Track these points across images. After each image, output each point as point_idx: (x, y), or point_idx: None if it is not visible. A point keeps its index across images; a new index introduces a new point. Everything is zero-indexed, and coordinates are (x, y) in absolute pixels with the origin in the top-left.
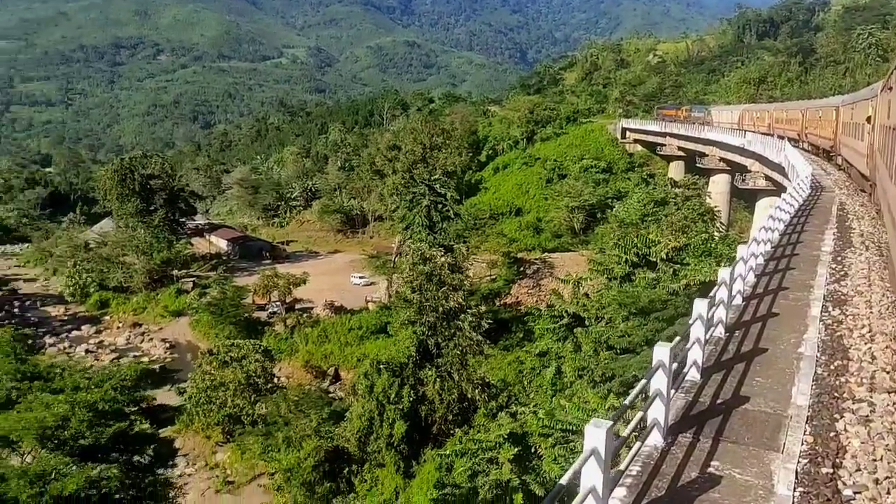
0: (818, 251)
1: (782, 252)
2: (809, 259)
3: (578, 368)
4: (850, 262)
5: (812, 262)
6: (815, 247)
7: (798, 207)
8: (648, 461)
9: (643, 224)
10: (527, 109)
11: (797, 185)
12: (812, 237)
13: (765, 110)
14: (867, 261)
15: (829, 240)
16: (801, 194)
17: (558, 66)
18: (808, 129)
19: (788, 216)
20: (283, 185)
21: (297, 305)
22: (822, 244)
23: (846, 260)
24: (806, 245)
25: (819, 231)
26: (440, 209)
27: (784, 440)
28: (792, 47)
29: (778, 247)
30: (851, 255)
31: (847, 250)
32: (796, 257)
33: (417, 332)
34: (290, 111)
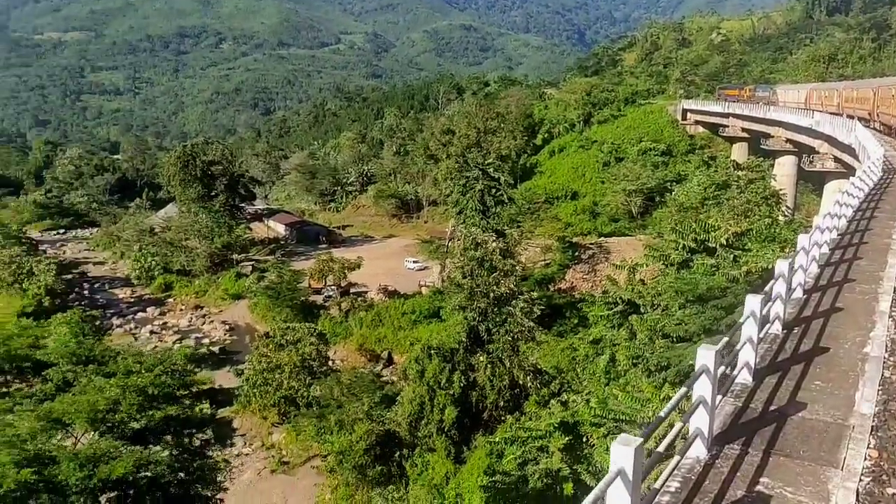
0: (889, 239)
1: (849, 240)
2: (879, 248)
3: (633, 357)
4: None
5: (882, 251)
6: (886, 234)
7: (868, 192)
8: (689, 476)
9: (703, 208)
10: (583, 91)
11: (867, 168)
12: (883, 224)
13: (833, 89)
14: None
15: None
16: (872, 178)
17: (617, 47)
18: (881, 109)
19: (857, 201)
20: (339, 170)
21: (352, 290)
22: (893, 231)
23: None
24: (875, 233)
25: (891, 217)
26: (494, 193)
27: (844, 454)
28: (865, 23)
29: (845, 234)
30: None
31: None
32: (864, 246)
33: (468, 317)
34: (346, 97)
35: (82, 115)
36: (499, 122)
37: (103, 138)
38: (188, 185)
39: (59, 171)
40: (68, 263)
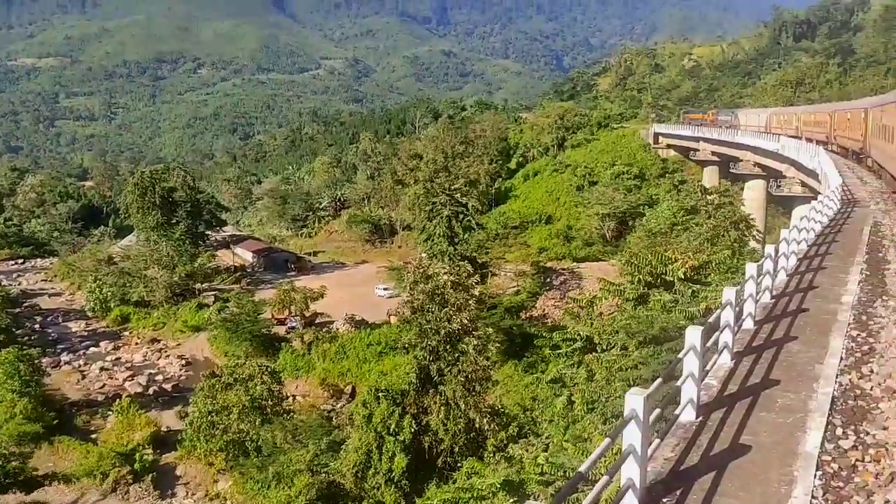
0: (836, 304)
1: (785, 306)
2: (820, 321)
3: (589, 400)
4: (880, 325)
5: (823, 325)
6: (833, 297)
7: (821, 230)
8: None
9: (673, 233)
10: (557, 116)
11: (823, 200)
12: (831, 279)
13: (792, 113)
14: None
15: (854, 283)
16: (828, 211)
17: (592, 73)
18: (837, 132)
19: (807, 244)
20: (312, 195)
21: (318, 319)
22: (842, 290)
23: (874, 320)
24: (821, 293)
25: (842, 268)
26: (462, 219)
27: None
28: (830, 48)
29: (782, 296)
30: (883, 310)
31: (877, 301)
32: (803, 316)
33: (418, 356)
34: (324, 121)
35: (56, 141)
36: (466, 147)
37: (76, 164)
38: (147, 212)
39: (20, 198)
40: (20, 295)
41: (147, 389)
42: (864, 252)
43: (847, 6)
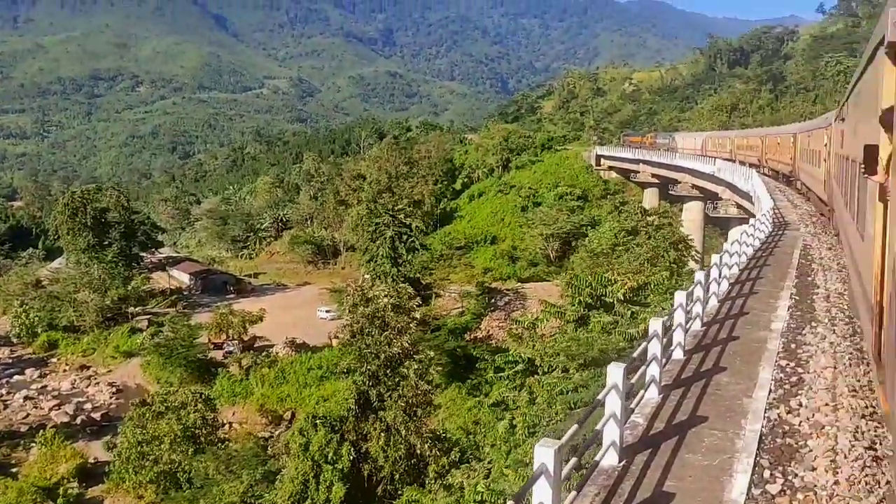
0: (766, 331)
1: (716, 334)
2: (750, 350)
3: (531, 424)
4: (809, 354)
5: (753, 355)
6: (763, 323)
7: (753, 253)
8: None
9: (614, 254)
10: (501, 137)
11: (755, 224)
12: (762, 304)
13: (726, 137)
14: (833, 350)
15: (784, 308)
16: (760, 235)
17: (536, 95)
18: (769, 155)
19: (738, 268)
20: (253, 215)
21: (257, 343)
22: (773, 316)
23: (803, 348)
24: (751, 320)
25: (773, 293)
26: (405, 240)
27: None
28: (762, 75)
29: (713, 323)
30: (811, 336)
31: (806, 328)
32: (734, 344)
33: (357, 381)
34: (266, 140)
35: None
36: (411, 167)
37: (5, 184)
38: (78, 234)
39: None
40: None
41: (74, 419)
42: (794, 276)
43: (777, 35)
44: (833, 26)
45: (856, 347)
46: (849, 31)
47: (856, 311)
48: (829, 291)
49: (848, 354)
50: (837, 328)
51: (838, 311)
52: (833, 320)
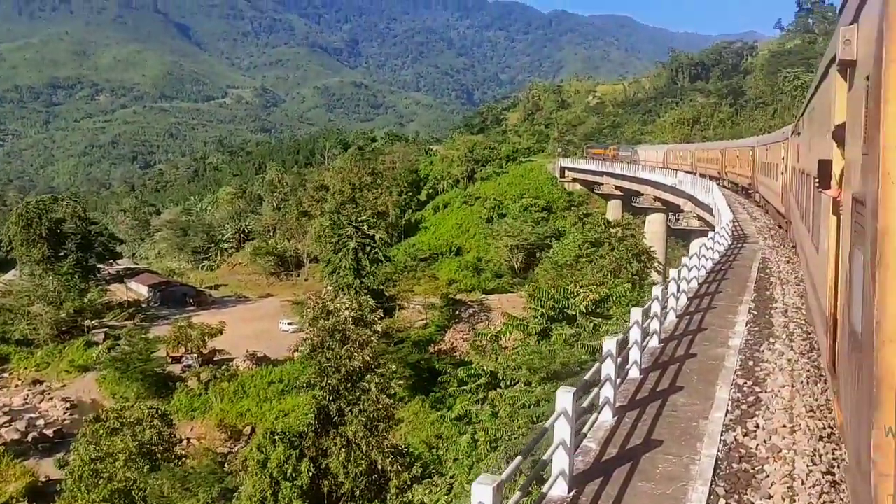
0: (724, 348)
1: (673, 351)
2: (707, 368)
3: (492, 439)
4: (766, 372)
5: (710, 373)
6: (721, 340)
7: (713, 267)
8: None
9: (578, 265)
10: (466, 148)
11: (714, 237)
12: (720, 319)
13: (687, 150)
14: (790, 368)
15: (742, 324)
16: (720, 248)
17: (501, 107)
18: (728, 168)
19: (697, 282)
20: (214, 226)
21: (217, 357)
22: (731, 332)
23: (760, 366)
24: (709, 336)
25: (732, 307)
26: (368, 252)
27: None
28: (723, 89)
29: (670, 339)
30: (769, 353)
31: (764, 344)
32: (691, 362)
33: (318, 396)
34: (229, 150)
35: None
36: (375, 178)
37: None
38: (32, 245)
39: None
40: None
41: (26, 436)
42: (753, 290)
43: (737, 51)
44: (790, 42)
45: (813, 364)
46: (805, 46)
47: (812, 323)
48: (787, 306)
49: (805, 372)
50: (795, 344)
51: (796, 327)
52: (791, 336)
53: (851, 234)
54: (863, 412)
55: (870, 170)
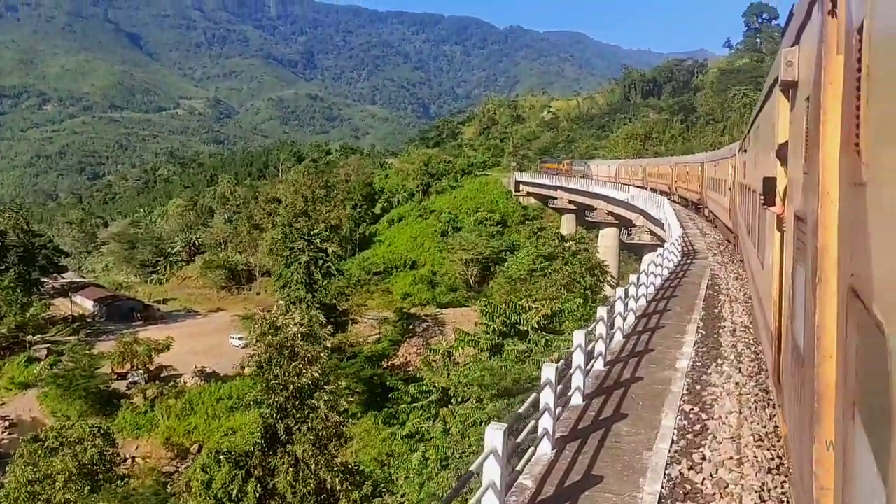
0: (671, 370)
1: (619, 374)
2: (653, 393)
3: (443, 457)
4: (714, 396)
5: (656, 398)
6: (668, 362)
7: (662, 284)
8: None
9: (532, 279)
10: (422, 162)
11: (663, 253)
12: (668, 340)
13: (638, 165)
14: (738, 392)
15: (690, 344)
16: (669, 264)
17: (457, 121)
18: (678, 183)
19: (646, 300)
20: (164, 239)
21: (164, 373)
22: (678, 353)
23: (708, 390)
24: (656, 357)
25: (680, 326)
26: (321, 265)
27: None
28: (674, 106)
29: (616, 362)
30: (717, 376)
31: (711, 366)
32: (636, 386)
33: (264, 414)
34: (181, 162)
35: None
36: (328, 191)
37: None
38: None
39: None
40: None
41: None
42: (701, 308)
43: (688, 68)
44: (739, 60)
45: (761, 387)
46: (754, 65)
47: (759, 338)
48: (735, 325)
49: (753, 396)
50: (743, 365)
51: (744, 347)
52: (739, 356)
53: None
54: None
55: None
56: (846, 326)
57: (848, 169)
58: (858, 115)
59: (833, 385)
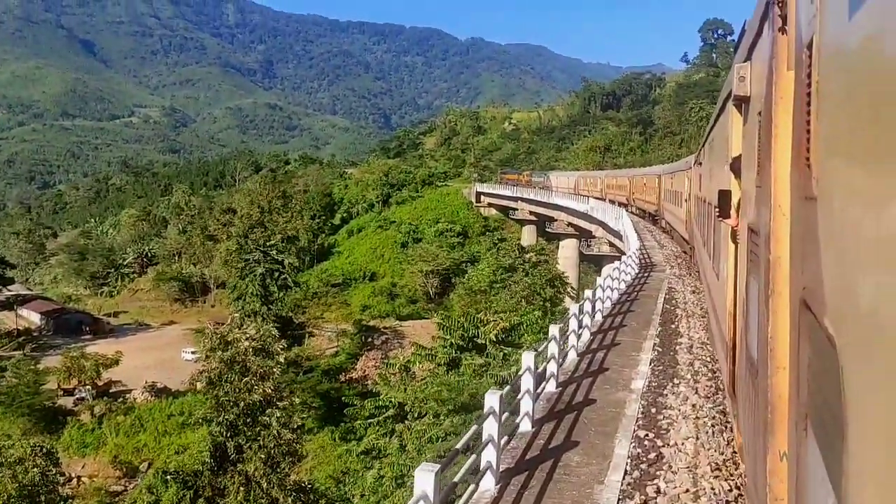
0: (625, 391)
1: (571, 397)
2: (606, 417)
3: (398, 475)
4: (670, 420)
5: (609, 423)
6: (623, 382)
7: (618, 298)
8: None
9: (492, 291)
10: (382, 172)
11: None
12: (623, 358)
13: (597, 177)
14: (695, 415)
15: (646, 363)
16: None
17: (418, 132)
18: (636, 195)
19: (602, 315)
20: (115, 250)
21: (113, 388)
22: (633, 373)
23: (663, 413)
24: (611, 378)
25: (636, 343)
26: (277, 277)
27: None
28: (633, 118)
29: (569, 383)
30: (673, 398)
31: (668, 386)
32: (589, 410)
33: (214, 432)
34: (134, 171)
35: None
36: (286, 202)
37: None
38: None
39: None
40: None
41: None
42: (658, 324)
43: (646, 82)
44: (696, 74)
45: (718, 410)
46: (710, 79)
47: (714, 348)
48: (692, 341)
49: (710, 419)
50: (700, 385)
51: (701, 365)
52: (696, 375)
53: (747, 263)
54: (759, 436)
55: (763, 202)
56: (798, 338)
57: (799, 183)
58: (809, 130)
59: (786, 396)
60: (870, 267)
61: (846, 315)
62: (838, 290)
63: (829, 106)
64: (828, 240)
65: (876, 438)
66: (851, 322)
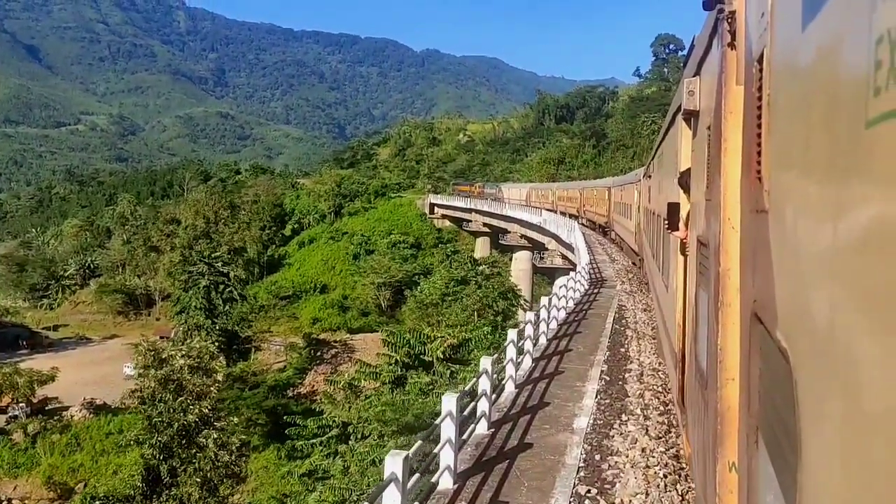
0: (567, 432)
1: (504, 440)
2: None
3: (339, 500)
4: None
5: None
6: (565, 420)
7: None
8: None
9: (444, 304)
10: (334, 182)
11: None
12: (566, 390)
13: (548, 189)
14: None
15: (591, 395)
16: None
17: (372, 142)
18: (586, 207)
19: (546, 338)
20: (57, 261)
21: (49, 405)
22: (577, 408)
23: (609, 461)
24: (551, 414)
25: (582, 371)
26: (222, 290)
27: None
28: (586, 131)
29: (504, 422)
30: (620, 440)
31: (615, 425)
32: (524, 458)
33: (146, 454)
34: (79, 180)
35: None
36: (233, 212)
37: None
38: None
39: None
40: None
41: None
42: (606, 347)
43: (599, 95)
44: (648, 89)
45: (671, 455)
46: (661, 93)
47: (665, 360)
48: (642, 367)
49: (663, 468)
50: (651, 423)
51: (652, 397)
52: (646, 410)
53: (696, 275)
54: (708, 447)
55: (712, 214)
56: (749, 350)
57: (750, 196)
58: (759, 143)
59: (735, 407)
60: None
61: (799, 328)
62: (790, 302)
63: (781, 119)
64: (779, 252)
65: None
66: (805, 335)
